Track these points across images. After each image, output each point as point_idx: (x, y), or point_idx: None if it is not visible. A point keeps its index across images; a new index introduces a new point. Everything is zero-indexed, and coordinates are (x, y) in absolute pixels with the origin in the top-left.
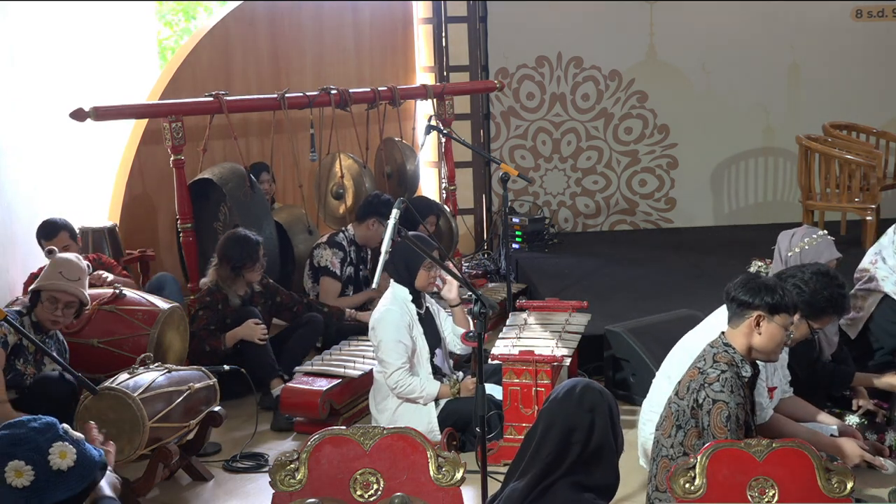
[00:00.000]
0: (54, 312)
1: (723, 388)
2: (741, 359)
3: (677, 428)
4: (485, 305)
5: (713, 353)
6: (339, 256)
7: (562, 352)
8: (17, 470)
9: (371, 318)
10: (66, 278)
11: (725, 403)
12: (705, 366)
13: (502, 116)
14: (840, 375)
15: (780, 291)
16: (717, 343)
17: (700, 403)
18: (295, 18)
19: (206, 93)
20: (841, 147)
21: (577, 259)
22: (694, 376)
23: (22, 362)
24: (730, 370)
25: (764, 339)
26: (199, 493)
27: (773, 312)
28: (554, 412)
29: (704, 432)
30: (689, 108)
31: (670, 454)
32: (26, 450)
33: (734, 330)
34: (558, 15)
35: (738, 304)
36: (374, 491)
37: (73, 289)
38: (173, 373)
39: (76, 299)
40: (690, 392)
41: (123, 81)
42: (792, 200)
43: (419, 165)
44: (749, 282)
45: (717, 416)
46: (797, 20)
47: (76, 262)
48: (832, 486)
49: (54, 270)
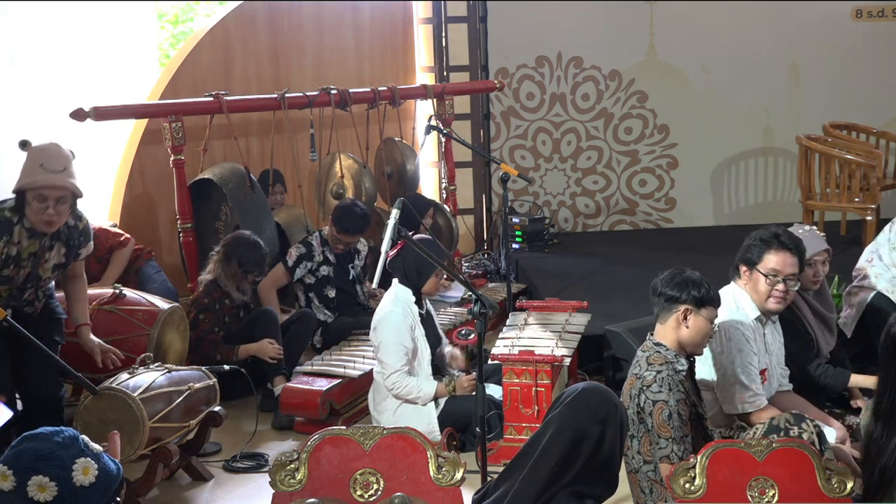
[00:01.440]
0: (46, 212)
1: (661, 387)
2: (674, 354)
3: (630, 438)
4: (485, 305)
5: (646, 357)
6: (299, 251)
7: (562, 352)
8: (40, 485)
9: (374, 318)
10: (49, 171)
11: (665, 402)
12: (641, 371)
13: (502, 116)
14: (836, 376)
15: (706, 285)
16: (646, 346)
17: (642, 407)
18: (295, 18)
19: (206, 93)
20: (841, 147)
21: (577, 259)
22: (633, 383)
23: (13, 268)
24: (665, 368)
25: (692, 332)
26: (199, 493)
27: (699, 306)
28: (566, 417)
29: (649, 434)
30: (689, 108)
31: (633, 466)
32: (51, 465)
33: (662, 325)
34: (558, 15)
35: (666, 298)
36: (374, 491)
37: (61, 181)
38: (173, 373)
39: (67, 192)
40: (632, 399)
41: (123, 81)
42: (792, 200)
43: (419, 165)
44: (675, 276)
45: (658, 415)
46: (797, 20)
47: (57, 149)
48: (832, 486)
49: (34, 164)
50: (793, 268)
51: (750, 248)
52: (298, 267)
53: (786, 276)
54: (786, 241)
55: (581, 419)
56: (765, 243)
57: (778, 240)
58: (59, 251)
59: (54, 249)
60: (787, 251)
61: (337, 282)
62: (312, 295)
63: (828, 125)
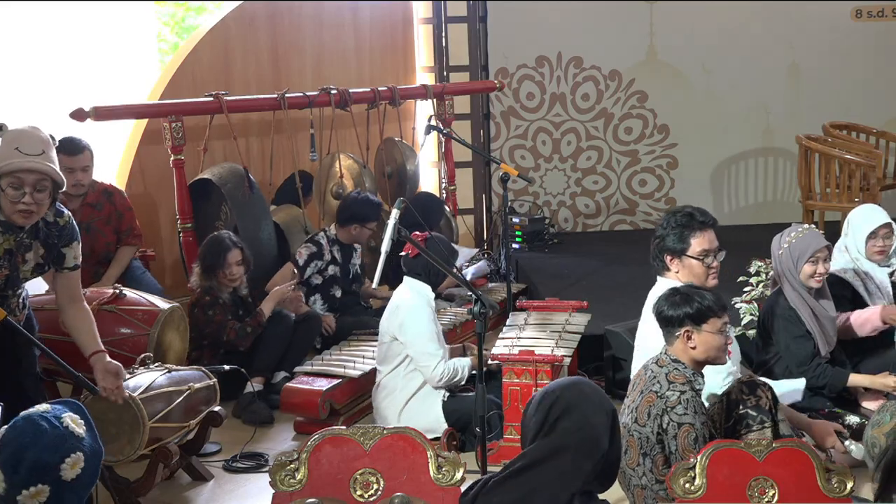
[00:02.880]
0: (23, 200)
1: (686, 410)
2: (692, 373)
3: (643, 456)
4: (485, 305)
5: (665, 374)
6: (309, 250)
7: (562, 352)
8: (33, 494)
9: (398, 316)
10: (25, 154)
11: (692, 426)
12: (662, 389)
13: (502, 116)
14: (834, 376)
15: (697, 298)
16: (663, 361)
17: (665, 428)
18: (295, 18)
19: (206, 93)
20: (841, 147)
21: (577, 259)
22: (652, 401)
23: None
24: (688, 389)
25: (700, 350)
26: (199, 493)
27: (699, 322)
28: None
29: (672, 456)
30: (689, 108)
31: (642, 483)
32: (41, 475)
33: (672, 348)
34: (558, 15)
35: (665, 321)
36: (374, 491)
37: (39, 165)
38: (173, 373)
39: (46, 177)
40: (652, 418)
41: (123, 81)
42: (792, 200)
43: (419, 165)
44: (669, 297)
45: (684, 439)
46: (797, 20)
47: (35, 132)
48: (832, 486)
49: (9, 148)
50: (716, 240)
51: (667, 238)
52: (309, 266)
53: (715, 250)
54: (701, 218)
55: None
56: (684, 228)
57: (694, 219)
58: (38, 251)
59: (32, 250)
60: (707, 227)
61: (343, 281)
62: (317, 296)
63: (828, 125)
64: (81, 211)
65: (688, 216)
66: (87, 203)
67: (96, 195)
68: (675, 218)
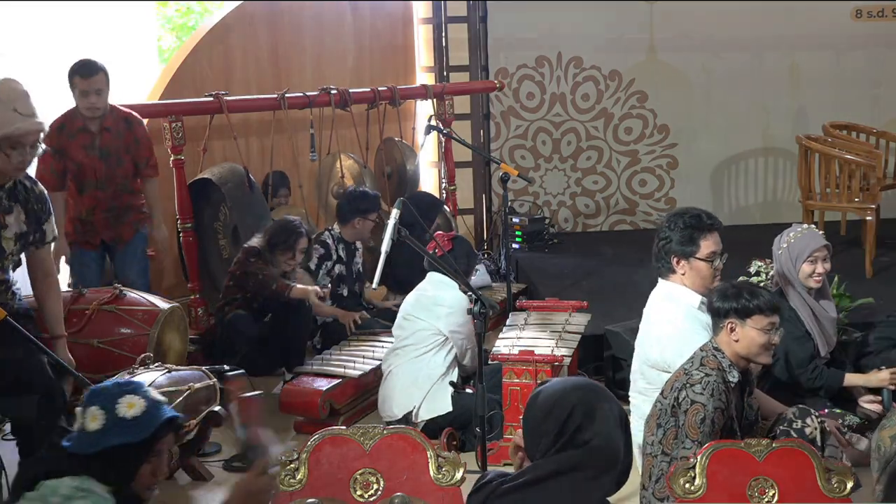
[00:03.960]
0: (19, 159)
1: (703, 390)
2: (729, 364)
3: (657, 426)
4: (485, 305)
5: (701, 357)
6: (318, 253)
7: (562, 352)
8: (92, 415)
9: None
10: (24, 115)
11: (703, 406)
12: (691, 367)
13: (502, 116)
14: (830, 377)
15: (746, 295)
16: (707, 347)
17: (679, 403)
18: (295, 18)
19: (206, 93)
20: (841, 147)
21: (577, 259)
22: (679, 376)
23: None
24: (716, 374)
25: (742, 344)
26: (199, 493)
27: (744, 317)
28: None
29: (679, 431)
30: (689, 108)
31: (652, 451)
32: (101, 398)
33: (718, 338)
34: (558, 15)
35: (713, 312)
36: (374, 491)
37: (41, 126)
38: (173, 373)
39: (41, 134)
40: (673, 391)
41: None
42: (792, 200)
43: (419, 165)
44: (721, 290)
45: (692, 416)
46: (797, 20)
47: (21, 87)
48: (832, 486)
49: (6, 109)
50: (721, 241)
51: (674, 240)
52: (320, 269)
53: (720, 252)
54: (709, 220)
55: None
56: (693, 230)
57: (703, 221)
58: (19, 216)
59: (13, 213)
60: (714, 229)
61: (348, 280)
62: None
63: (828, 125)
64: (101, 136)
65: (696, 218)
66: (105, 127)
67: (115, 121)
68: (683, 220)
